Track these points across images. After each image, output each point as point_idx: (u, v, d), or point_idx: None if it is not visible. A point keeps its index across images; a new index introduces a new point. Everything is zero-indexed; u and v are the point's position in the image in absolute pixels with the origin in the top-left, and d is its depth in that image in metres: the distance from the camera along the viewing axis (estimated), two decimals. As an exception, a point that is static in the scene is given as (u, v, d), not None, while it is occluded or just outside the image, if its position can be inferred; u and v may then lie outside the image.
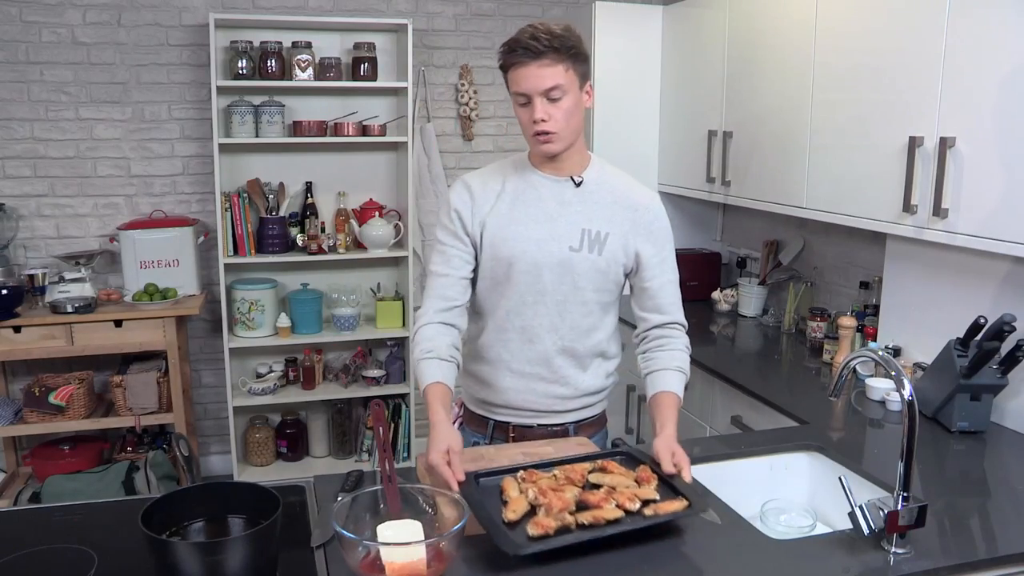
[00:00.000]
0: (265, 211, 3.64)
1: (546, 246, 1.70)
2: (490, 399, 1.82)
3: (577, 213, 1.72)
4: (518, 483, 1.44)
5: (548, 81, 1.58)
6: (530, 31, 1.59)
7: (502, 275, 1.72)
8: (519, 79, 1.60)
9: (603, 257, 1.71)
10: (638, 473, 1.47)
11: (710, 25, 3.07)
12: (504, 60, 1.63)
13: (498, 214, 1.72)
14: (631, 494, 1.38)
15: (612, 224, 1.73)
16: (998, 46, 1.86)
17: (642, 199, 1.76)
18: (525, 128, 1.67)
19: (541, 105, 1.61)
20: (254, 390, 3.67)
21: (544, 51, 1.57)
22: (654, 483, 1.44)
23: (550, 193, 1.73)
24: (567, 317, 1.74)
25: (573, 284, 1.72)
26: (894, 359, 1.75)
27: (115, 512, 1.53)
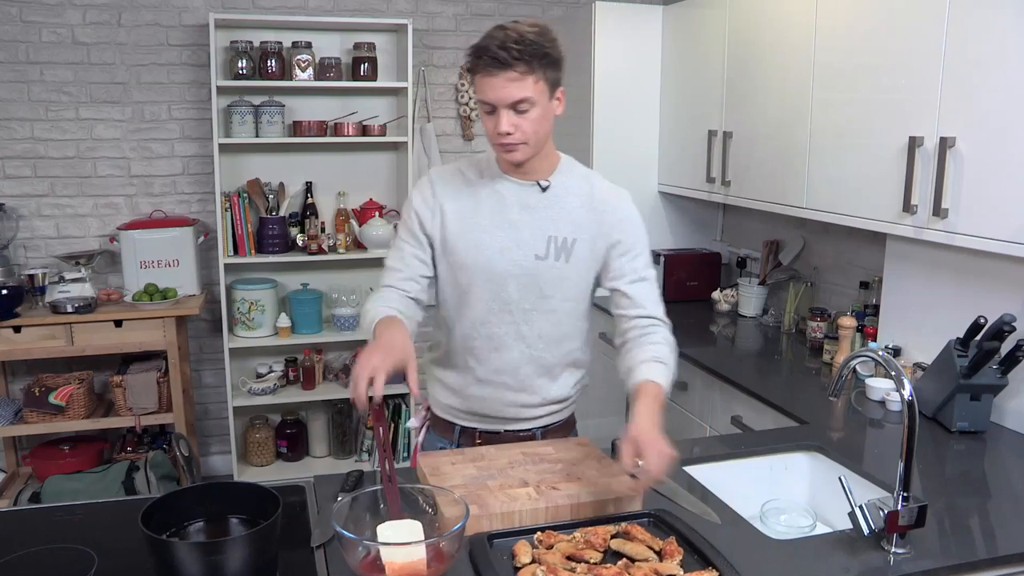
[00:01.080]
0: (265, 211, 3.64)
1: (509, 255, 1.64)
2: (457, 406, 1.78)
3: (543, 219, 1.65)
4: (532, 547, 1.33)
5: (516, 94, 1.50)
6: (500, 37, 1.49)
7: (465, 283, 1.67)
8: (485, 88, 1.52)
9: (570, 265, 1.66)
10: (664, 545, 1.33)
11: (710, 25, 3.07)
12: (471, 65, 1.54)
13: (460, 219, 1.66)
14: (650, 570, 1.26)
15: (580, 229, 1.66)
16: (998, 46, 1.86)
17: (611, 199, 1.69)
18: (490, 136, 1.58)
19: (507, 116, 1.52)
20: (254, 390, 3.67)
21: (513, 62, 1.48)
22: (678, 558, 1.30)
23: (515, 199, 1.65)
24: (535, 326, 1.69)
25: (540, 294, 1.66)
26: (894, 359, 1.75)
27: (115, 512, 1.53)
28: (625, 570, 1.26)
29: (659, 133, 3.52)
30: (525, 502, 1.43)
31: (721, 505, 1.53)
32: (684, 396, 2.76)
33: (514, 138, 1.54)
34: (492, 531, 1.37)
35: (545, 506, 1.42)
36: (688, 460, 1.74)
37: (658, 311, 1.70)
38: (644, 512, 1.44)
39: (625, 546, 1.34)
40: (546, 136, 1.62)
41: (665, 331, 1.68)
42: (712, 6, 3.05)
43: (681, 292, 3.43)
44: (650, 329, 1.67)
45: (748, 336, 2.98)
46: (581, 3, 3.92)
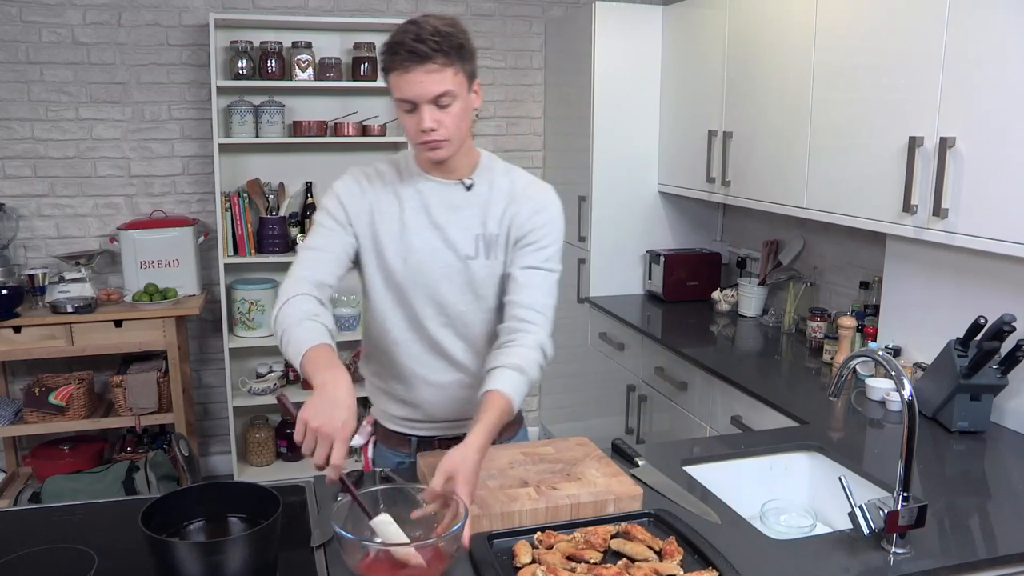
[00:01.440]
0: (265, 211, 3.64)
1: (440, 256, 1.60)
2: (410, 416, 1.72)
3: (470, 218, 1.61)
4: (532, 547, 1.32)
5: (437, 87, 1.45)
6: (414, 31, 1.44)
7: (396, 288, 1.62)
8: (403, 85, 1.45)
9: (500, 260, 1.62)
10: (664, 545, 1.33)
11: (710, 25, 3.07)
12: (386, 63, 1.47)
13: (388, 220, 1.60)
14: (650, 570, 1.26)
15: (503, 224, 1.62)
16: (998, 46, 1.86)
17: (531, 192, 1.65)
18: (411, 135, 1.52)
19: (429, 112, 1.46)
20: (254, 390, 3.67)
21: (432, 54, 1.43)
22: (678, 558, 1.29)
23: (439, 199, 1.61)
24: (473, 328, 1.65)
25: (474, 294, 1.63)
26: (894, 359, 1.75)
27: (115, 512, 1.52)
28: (625, 570, 1.26)
29: (659, 133, 3.53)
30: (525, 502, 1.43)
31: (721, 505, 1.52)
32: (684, 396, 2.76)
33: (438, 135, 1.49)
34: (492, 531, 1.37)
35: (545, 506, 1.42)
36: (688, 460, 1.74)
37: (539, 304, 1.58)
38: (644, 512, 1.44)
39: (625, 546, 1.34)
40: (467, 131, 1.57)
41: (541, 336, 1.56)
42: (712, 6, 3.05)
43: (681, 292, 3.43)
44: (523, 331, 1.55)
45: (748, 336, 2.98)
46: (581, 3, 3.92)
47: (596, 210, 3.51)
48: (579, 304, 3.64)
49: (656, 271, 3.48)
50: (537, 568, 1.25)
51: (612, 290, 3.59)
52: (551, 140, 3.97)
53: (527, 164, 4.03)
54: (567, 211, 3.73)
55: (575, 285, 3.66)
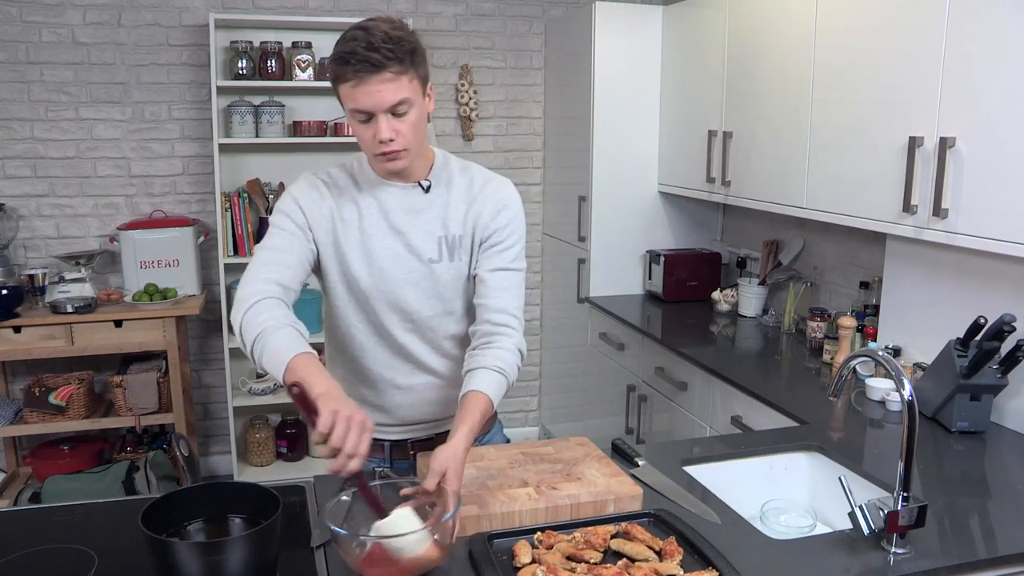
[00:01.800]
0: (265, 211, 3.64)
1: (403, 262, 1.57)
2: (381, 420, 1.67)
3: (430, 220, 1.58)
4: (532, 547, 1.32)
5: (393, 96, 1.40)
6: (364, 38, 1.37)
7: (361, 296, 1.59)
8: (358, 96, 1.40)
9: (464, 262, 1.60)
10: (664, 545, 1.33)
11: (710, 25, 3.07)
12: (336, 74, 1.41)
13: (347, 228, 1.57)
14: (650, 569, 1.26)
15: (466, 225, 1.60)
16: (998, 46, 1.86)
17: (490, 189, 1.61)
18: (367, 146, 1.48)
19: (387, 122, 1.42)
20: (254, 390, 3.67)
21: (386, 62, 1.37)
22: (678, 557, 1.29)
23: (398, 204, 1.57)
24: (441, 330, 1.63)
25: (439, 298, 1.60)
26: (894, 359, 1.75)
27: (115, 512, 1.52)
28: (625, 570, 1.25)
29: (659, 133, 3.53)
30: (525, 502, 1.43)
31: (721, 505, 1.52)
32: (684, 396, 2.76)
33: (396, 144, 1.45)
34: (492, 531, 1.37)
35: (545, 506, 1.42)
36: (688, 460, 1.74)
37: (512, 307, 1.57)
38: (644, 512, 1.44)
39: (625, 546, 1.33)
40: (424, 136, 1.53)
41: (517, 338, 1.56)
42: (712, 6, 3.05)
43: (681, 292, 3.43)
44: (502, 331, 1.55)
45: (748, 336, 2.98)
46: (581, 3, 3.92)
47: (596, 210, 3.51)
48: (579, 304, 3.64)
49: (656, 271, 3.48)
50: (537, 568, 1.25)
51: (612, 290, 3.59)
52: (551, 140, 3.97)
53: (527, 164, 4.03)
54: (567, 211, 3.74)
55: (575, 285, 3.66)
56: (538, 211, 4.09)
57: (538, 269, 4.15)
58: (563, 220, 3.81)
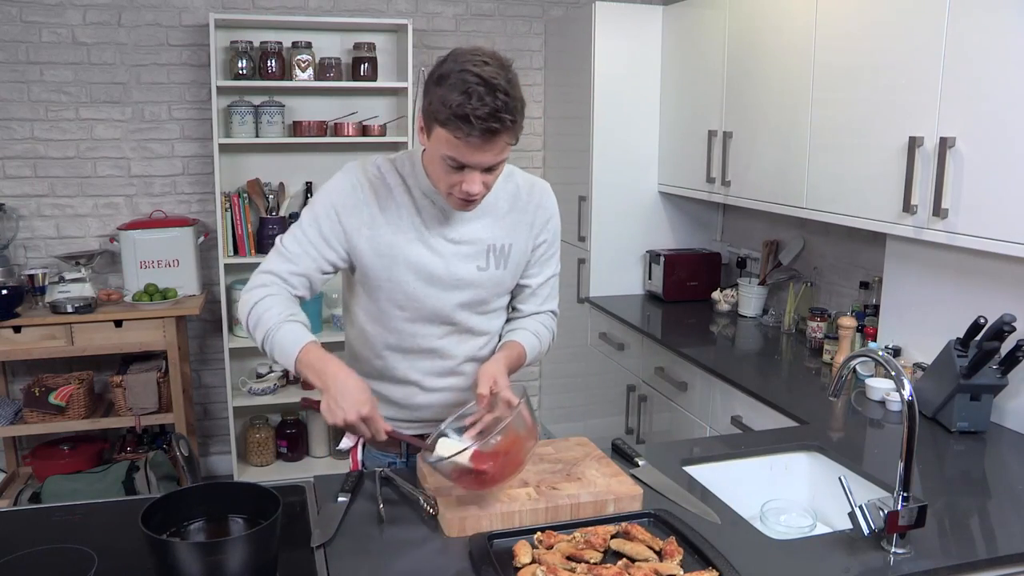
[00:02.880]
0: (265, 211, 3.64)
1: (452, 269, 1.57)
2: (402, 417, 1.70)
3: (480, 230, 1.59)
4: (532, 547, 1.33)
5: (497, 158, 1.40)
6: (489, 103, 1.31)
7: (403, 299, 1.58)
8: (463, 151, 1.36)
9: (508, 271, 1.63)
10: (664, 545, 1.33)
11: (710, 25, 3.07)
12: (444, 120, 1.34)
13: (394, 229, 1.54)
14: (650, 570, 1.26)
15: (513, 233, 1.62)
16: (998, 46, 1.86)
17: (536, 196, 1.66)
18: (443, 185, 1.45)
19: (480, 178, 1.42)
20: (254, 390, 3.67)
21: (504, 131, 1.35)
22: (678, 558, 1.30)
23: (451, 213, 1.56)
24: (478, 335, 1.67)
25: (482, 303, 1.64)
26: (894, 359, 1.75)
27: (115, 512, 1.52)
28: (625, 570, 1.25)
29: (659, 133, 3.53)
30: (525, 502, 1.43)
31: (721, 505, 1.52)
32: (684, 396, 2.76)
33: (478, 197, 1.46)
34: (492, 531, 1.37)
35: (545, 506, 1.42)
36: (688, 460, 1.74)
37: (553, 304, 1.77)
38: (644, 512, 1.44)
39: (625, 546, 1.34)
40: None
41: (553, 321, 1.75)
42: (712, 6, 3.05)
43: (681, 292, 3.43)
44: (543, 315, 1.74)
45: (748, 336, 2.98)
46: (581, 3, 3.92)
47: (596, 210, 3.51)
48: (579, 304, 3.64)
49: (656, 271, 3.48)
50: (537, 568, 1.25)
51: (612, 290, 3.59)
52: (551, 140, 3.97)
53: (527, 164, 4.03)
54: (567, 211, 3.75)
55: (575, 285, 3.66)
56: (538, 211, 4.08)
57: (538, 269, 4.15)
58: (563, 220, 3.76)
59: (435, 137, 1.40)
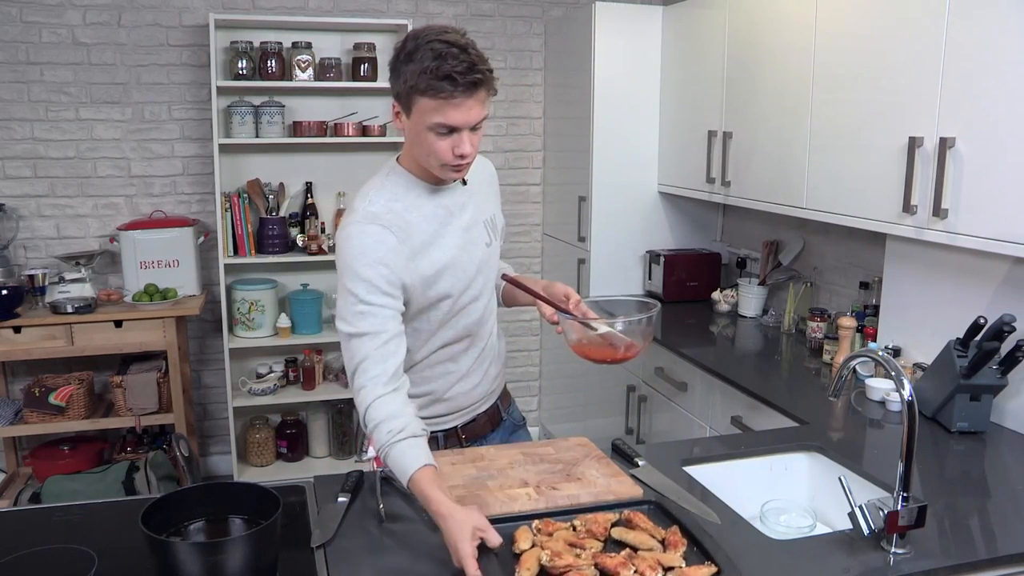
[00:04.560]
0: (265, 211, 3.64)
1: (473, 253, 1.65)
2: (438, 412, 1.73)
3: (475, 209, 1.68)
4: (532, 534, 1.34)
5: (480, 114, 1.46)
6: (462, 58, 1.39)
7: (448, 303, 1.62)
8: (449, 112, 1.42)
9: (498, 239, 1.76)
10: (667, 535, 1.34)
11: (710, 25, 3.07)
12: (426, 87, 1.40)
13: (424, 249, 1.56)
14: (654, 560, 1.25)
15: (491, 204, 1.76)
16: (998, 46, 1.86)
17: (489, 168, 1.79)
18: (440, 157, 1.48)
19: (468, 138, 1.47)
20: (254, 390, 3.67)
21: (482, 83, 1.43)
22: (682, 549, 1.30)
23: (451, 202, 1.62)
24: (491, 304, 1.77)
25: (494, 275, 1.77)
26: (894, 359, 1.75)
27: (115, 512, 1.53)
28: (629, 560, 1.25)
29: (659, 133, 3.52)
30: (525, 502, 1.43)
31: (721, 505, 1.53)
32: (684, 396, 2.76)
33: (470, 157, 1.50)
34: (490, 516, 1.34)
35: (545, 506, 1.43)
36: (688, 460, 1.74)
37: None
38: (645, 500, 1.45)
39: (627, 535, 1.34)
40: None
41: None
42: (712, 6, 3.05)
43: (681, 292, 3.43)
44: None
45: (748, 336, 2.98)
46: (581, 3, 3.92)
47: (596, 210, 3.51)
48: (579, 304, 3.63)
49: (656, 271, 3.48)
50: (541, 552, 1.24)
51: (612, 290, 3.59)
52: (551, 140, 3.97)
53: (527, 164, 4.03)
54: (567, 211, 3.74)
55: (575, 285, 3.66)
56: (538, 211, 4.09)
57: (538, 269, 4.15)
58: (563, 220, 3.81)
59: (417, 111, 1.45)
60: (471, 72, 1.40)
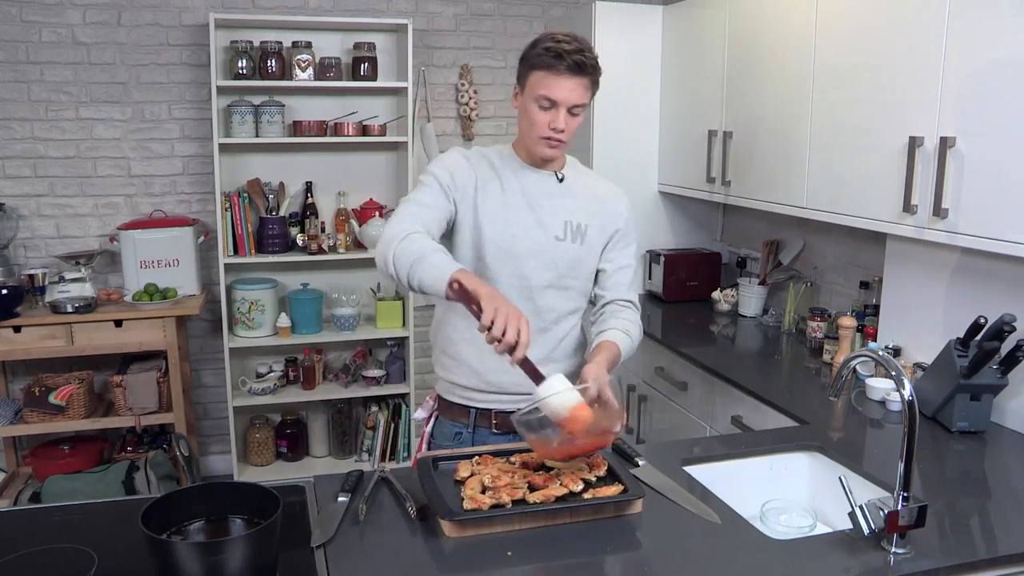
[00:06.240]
0: (265, 211, 3.64)
1: (533, 233, 1.76)
2: (474, 385, 1.82)
3: (560, 205, 1.79)
4: (472, 466, 1.55)
5: (580, 99, 1.68)
6: (575, 45, 1.65)
7: (489, 258, 1.75)
8: (554, 87, 1.65)
9: (584, 247, 1.80)
10: (591, 460, 1.56)
11: (710, 25, 3.07)
12: (541, 63, 1.66)
13: (489, 196, 1.75)
14: (576, 476, 1.48)
15: (591, 216, 1.81)
16: (998, 46, 1.86)
17: (613, 194, 1.88)
18: (536, 128, 1.70)
19: (564, 116, 1.67)
20: (254, 390, 3.67)
21: (588, 71, 1.67)
22: (603, 469, 1.54)
23: (536, 186, 1.79)
24: (548, 301, 1.79)
25: (557, 272, 1.79)
26: (894, 359, 1.75)
27: (115, 512, 1.53)
28: (556, 476, 1.49)
29: (659, 133, 3.52)
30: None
31: (721, 505, 1.53)
32: (684, 396, 2.76)
33: (563, 136, 1.70)
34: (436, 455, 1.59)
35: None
36: (688, 460, 1.74)
37: (633, 296, 1.89)
38: None
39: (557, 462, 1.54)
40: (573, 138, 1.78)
41: (635, 314, 1.86)
42: (712, 6, 3.05)
43: (681, 292, 3.43)
44: (624, 309, 1.86)
45: (748, 336, 2.98)
46: (581, 3, 3.92)
47: (596, 210, 3.51)
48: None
49: (656, 271, 3.48)
50: (481, 477, 1.47)
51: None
52: (551, 140, 3.97)
53: (527, 164, 4.03)
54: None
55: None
56: (538, 211, 4.09)
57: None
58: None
59: (529, 85, 1.69)
60: (577, 54, 1.64)
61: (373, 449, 3.84)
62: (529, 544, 1.36)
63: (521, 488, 1.45)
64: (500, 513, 1.39)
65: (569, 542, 1.37)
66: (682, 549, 1.37)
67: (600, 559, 1.33)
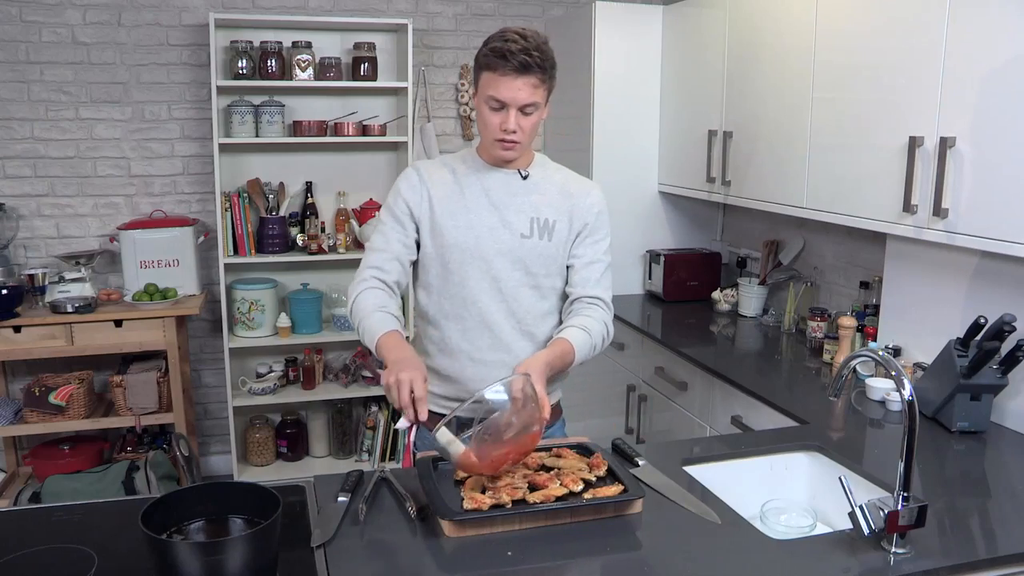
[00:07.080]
0: (265, 211, 3.64)
1: (498, 233, 1.76)
2: (452, 394, 1.82)
3: (525, 203, 1.78)
4: None
5: (528, 98, 1.65)
6: (521, 44, 1.63)
7: (455, 264, 1.76)
8: (500, 87, 1.64)
9: (553, 243, 1.78)
10: (590, 461, 1.57)
11: (710, 25, 3.07)
12: (488, 63, 1.65)
13: (447, 202, 1.76)
14: (576, 477, 1.50)
15: (558, 211, 1.80)
16: (998, 45, 1.86)
17: (583, 188, 1.86)
18: (490, 130, 1.70)
19: (515, 117, 1.66)
20: (254, 390, 3.67)
21: (534, 69, 1.64)
22: (603, 469, 1.54)
23: (498, 184, 1.78)
24: (523, 302, 1.78)
25: (525, 270, 1.77)
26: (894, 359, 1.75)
27: (115, 512, 1.52)
28: (556, 476, 1.50)
29: (659, 133, 3.52)
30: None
31: (721, 505, 1.53)
32: (684, 396, 2.76)
33: (516, 137, 1.68)
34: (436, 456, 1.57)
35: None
36: (688, 460, 1.74)
37: (603, 293, 1.83)
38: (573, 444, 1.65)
39: (557, 462, 1.56)
40: (534, 137, 1.77)
41: (603, 312, 1.81)
42: (712, 6, 3.05)
43: (681, 292, 3.43)
44: (589, 307, 1.80)
45: (748, 336, 2.98)
46: (581, 3, 3.92)
47: (596, 210, 3.51)
48: (579, 304, 3.63)
49: (656, 271, 3.48)
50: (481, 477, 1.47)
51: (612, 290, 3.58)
52: (551, 140, 3.97)
53: (527, 164, 4.03)
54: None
55: (575, 285, 3.65)
56: (538, 211, 4.09)
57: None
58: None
59: (480, 86, 1.68)
60: (523, 54, 1.61)
61: (373, 449, 3.84)
62: (529, 544, 1.36)
63: (521, 488, 1.46)
64: (500, 513, 1.39)
65: (569, 542, 1.37)
66: (682, 549, 1.37)
67: (600, 559, 1.33)
